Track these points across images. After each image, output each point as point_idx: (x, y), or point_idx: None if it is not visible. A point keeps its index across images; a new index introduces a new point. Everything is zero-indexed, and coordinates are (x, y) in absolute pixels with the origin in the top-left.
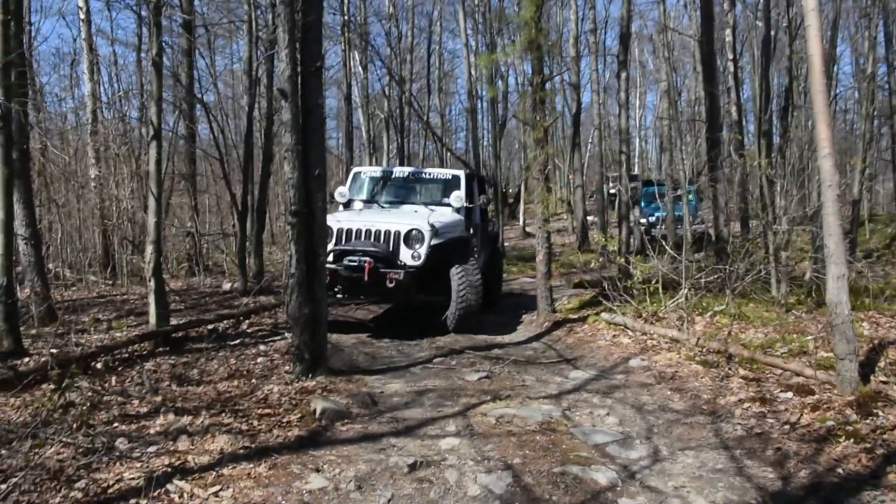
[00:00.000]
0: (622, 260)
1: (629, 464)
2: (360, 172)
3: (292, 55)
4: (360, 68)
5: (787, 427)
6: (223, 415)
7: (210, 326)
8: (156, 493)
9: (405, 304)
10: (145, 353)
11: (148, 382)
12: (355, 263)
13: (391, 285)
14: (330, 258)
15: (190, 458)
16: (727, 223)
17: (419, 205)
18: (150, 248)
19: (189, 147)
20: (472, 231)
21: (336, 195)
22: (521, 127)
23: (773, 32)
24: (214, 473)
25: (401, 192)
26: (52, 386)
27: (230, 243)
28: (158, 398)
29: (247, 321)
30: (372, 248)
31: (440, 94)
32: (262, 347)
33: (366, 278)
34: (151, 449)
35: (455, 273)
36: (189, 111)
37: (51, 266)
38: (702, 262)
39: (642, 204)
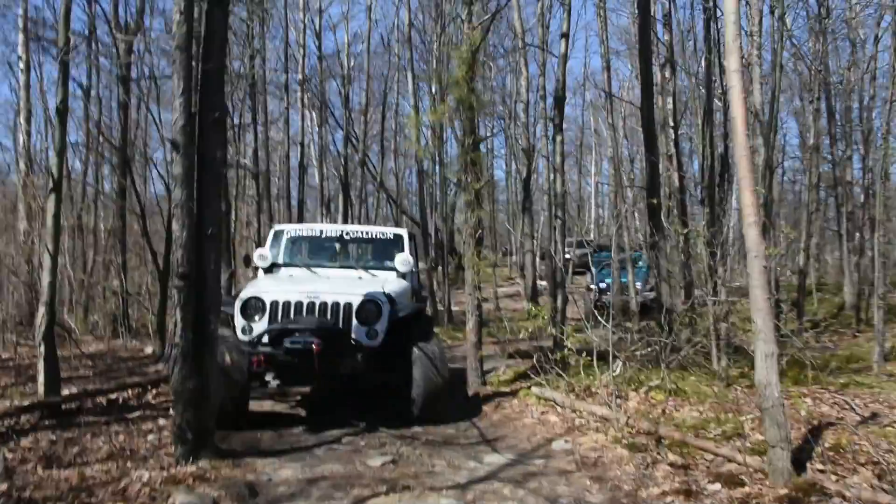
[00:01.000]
0: (552, 330)
1: None
2: (282, 231)
3: (187, 104)
4: (316, 128)
5: None
6: None
7: (112, 396)
8: None
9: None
10: (27, 426)
11: (2, 465)
12: (300, 346)
13: (345, 372)
14: (265, 339)
15: None
16: (670, 292)
17: (357, 269)
18: (42, 310)
19: (119, 203)
20: (416, 299)
21: (255, 258)
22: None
23: (715, 101)
24: None
25: (334, 254)
26: None
27: (156, 305)
28: (4, 485)
29: (154, 390)
30: (319, 326)
31: (395, 157)
32: (161, 421)
33: (315, 365)
34: None
35: (417, 354)
36: (122, 166)
37: None
38: (639, 334)
39: (593, 270)
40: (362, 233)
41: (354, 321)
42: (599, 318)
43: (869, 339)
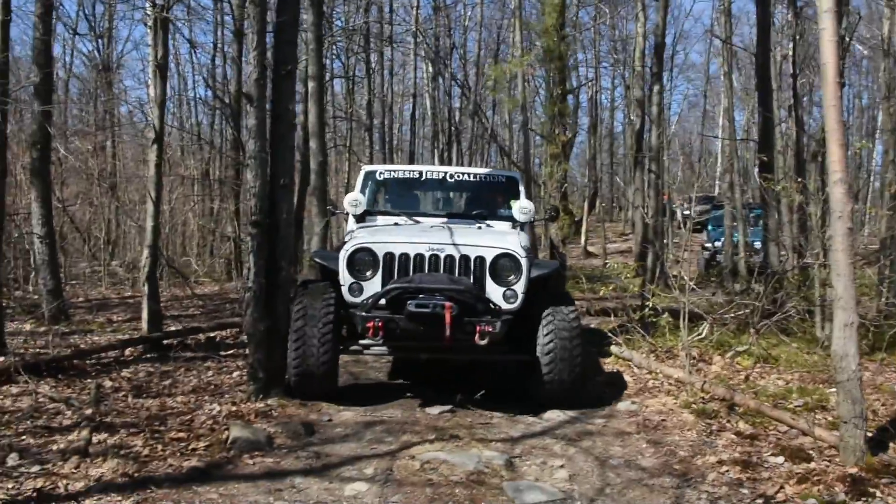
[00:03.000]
0: (636, 289)
1: None
2: (374, 172)
3: (261, 58)
4: (429, 79)
5: (759, 501)
6: (141, 435)
7: (211, 334)
8: None
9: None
10: (130, 358)
11: (94, 391)
12: (427, 310)
13: (482, 342)
14: (382, 301)
15: (63, 483)
16: (779, 254)
17: (466, 218)
18: (145, 253)
19: (233, 154)
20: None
21: (346, 204)
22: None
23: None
24: None
25: (437, 201)
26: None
27: None
28: (90, 410)
29: None
30: (452, 286)
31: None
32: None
33: (447, 335)
34: (35, 468)
35: (548, 320)
36: (235, 118)
37: (114, 264)
38: (739, 296)
39: (709, 228)
40: (469, 175)
41: (489, 280)
42: (710, 278)
43: None
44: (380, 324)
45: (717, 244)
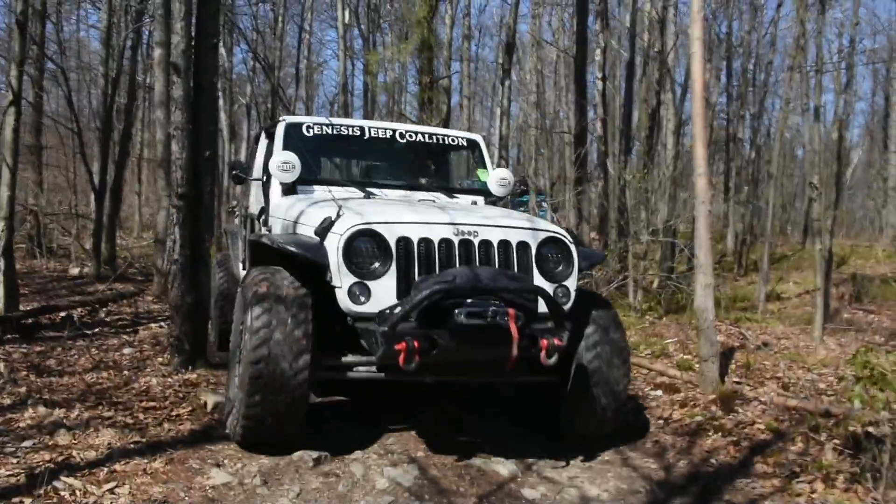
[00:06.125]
0: None
1: (525, 458)
2: (301, 126)
3: (188, 28)
4: (223, 49)
5: (661, 422)
6: (101, 408)
7: (63, 314)
8: (42, 491)
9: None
10: None
11: (6, 372)
12: (485, 320)
13: (550, 361)
14: (408, 307)
15: (74, 453)
16: (586, 232)
17: (431, 191)
18: (0, 225)
19: (35, 116)
20: None
21: (274, 168)
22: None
23: (638, 57)
24: (106, 469)
25: (385, 167)
26: None
27: (79, 225)
28: (22, 389)
29: (104, 309)
30: (515, 284)
31: (307, 85)
32: (125, 338)
33: (511, 354)
34: (27, 444)
35: (590, 329)
36: (39, 75)
37: None
38: None
39: None
40: (424, 135)
41: (536, 274)
42: None
43: (749, 283)
44: (416, 344)
45: None
